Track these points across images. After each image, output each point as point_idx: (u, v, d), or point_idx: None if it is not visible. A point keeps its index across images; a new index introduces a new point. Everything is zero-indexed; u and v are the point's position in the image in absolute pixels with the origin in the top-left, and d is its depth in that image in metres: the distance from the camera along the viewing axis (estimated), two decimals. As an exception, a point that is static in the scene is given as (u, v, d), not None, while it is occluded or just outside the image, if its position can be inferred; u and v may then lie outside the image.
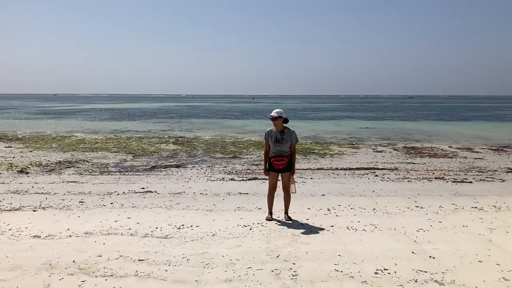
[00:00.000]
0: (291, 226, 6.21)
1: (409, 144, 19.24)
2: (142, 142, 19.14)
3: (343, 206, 7.46)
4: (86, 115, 45.11)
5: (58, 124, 31.05)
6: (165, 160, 13.82)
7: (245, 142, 19.52)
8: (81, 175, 10.83)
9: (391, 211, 7.17)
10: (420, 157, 14.92)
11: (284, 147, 6.31)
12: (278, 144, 6.30)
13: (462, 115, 50.34)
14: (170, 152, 15.71)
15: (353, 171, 11.76)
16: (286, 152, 6.36)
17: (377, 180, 10.30)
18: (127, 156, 14.60)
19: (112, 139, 20.48)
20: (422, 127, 30.12)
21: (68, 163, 12.78)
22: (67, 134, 22.75)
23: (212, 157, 14.44)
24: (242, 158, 14.23)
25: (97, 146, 17.30)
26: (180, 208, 7.29)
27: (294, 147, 6.45)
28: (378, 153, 15.91)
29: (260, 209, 7.17)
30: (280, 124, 6.36)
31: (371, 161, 13.76)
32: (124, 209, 7.16)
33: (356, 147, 17.97)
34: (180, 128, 28.27)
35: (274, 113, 6.33)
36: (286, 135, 6.33)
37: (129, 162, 13.25)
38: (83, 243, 5.35)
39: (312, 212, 7.06)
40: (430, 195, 8.53)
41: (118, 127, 28.59)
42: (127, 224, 6.24)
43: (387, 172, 11.58)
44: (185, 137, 21.49)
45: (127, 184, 9.59)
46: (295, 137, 6.42)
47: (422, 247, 5.27)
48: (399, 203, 7.78)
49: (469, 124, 33.78)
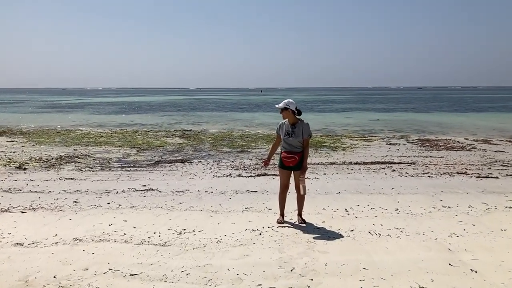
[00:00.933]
0: (305, 230, 5.47)
1: (423, 136, 18.35)
2: (147, 135, 18.48)
3: (361, 206, 6.69)
4: (93, 109, 44.56)
5: (64, 118, 30.52)
6: (170, 154, 13.13)
7: (253, 135, 18.78)
8: (80, 171, 10.17)
9: (416, 211, 6.39)
10: (436, 150, 14.07)
11: (295, 142, 5.55)
12: (289, 137, 5.54)
13: (475, 106, 48.87)
14: (176, 146, 15.01)
15: (368, 165, 10.97)
16: (297, 148, 5.59)
17: (395, 176, 9.51)
18: (131, 150, 13.94)
19: (117, 132, 19.84)
20: (435, 119, 29.10)
21: (69, 158, 12.14)
22: (72, 128, 22.16)
23: (219, 152, 13.72)
24: (250, 152, 13.50)
25: (102, 140, 16.66)
26: (183, 208, 6.57)
27: (307, 142, 5.67)
28: (392, 146, 15.08)
29: (270, 210, 6.44)
30: (291, 116, 5.59)
31: (385, 155, 12.95)
32: (121, 210, 6.45)
33: (369, 139, 17.14)
34: (187, 121, 27.56)
35: (281, 103, 5.59)
36: (297, 128, 5.57)
37: (133, 157, 12.57)
38: (69, 252, 4.65)
39: (328, 213, 6.30)
40: (456, 192, 7.73)
41: (124, 121, 27.97)
42: (122, 229, 5.53)
43: (405, 166, 10.77)
44: (192, 131, 20.79)
45: (127, 181, 8.90)
46: (308, 131, 5.65)
47: (460, 257, 4.50)
48: (423, 201, 6.99)
49: (483, 116, 32.62)
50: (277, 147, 5.76)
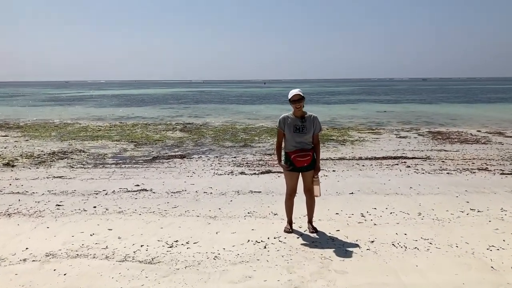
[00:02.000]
0: (317, 241, 4.65)
1: (434, 129, 17.45)
2: (147, 129, 17.67)
3: (379, 210, 5.86)
4: (95, 102, 43.69)
5: (64, 111, 29.71)
6: (169, 149, 12.32)
7: (257, 128, 17.93)
8: (71, 169, 9.38)
9: (442, 216, 5.55)
10: (450, 143, 13.19)
11: (307, 138, 4.71)
12: (298, 134, 4.69)
13: (483, 97, 47.58)
14: (176, 140, 14.20)
15: (380, 161, 10.12)
16: (309, 145, 4.75)
17: (411, 173, 8.66)
18: (128, 145, 13.14)
19: (116, 126, 19.05)
20: (443, 110, 28.10)
21: (62, 154, 11.36)
22: (71, 122, 21.38)
23: (221, 146, 12.90)
24: (254, 147, 12.67)
25: (99, 134, 15.87)
26: (177, 214, 5.75)
27: (318, 138, 4.85)
28: (402, 139, 14.21)
29: (276, 215, 5.62)
30: (302, 108, 4.77)
31: (397, 149, 12.09)
32: (107, 216, 5.65)
33: (377, 132, 16.27)
34: (189, 114, 26.70)
35: (297, 92, 4.72)
36: (308, 122, 4.72)
37: (130, 152, 11.77)
38: (37, 273, 3.85)
39: (342, 218, 5.48)
40: (482, 192, 6.88)
41: (125, 114, 27.16)
42: (105, 240, 4.73)
43: (419, 162, 9.92)
44: (194, 124, 19.97)
45: (120, 180, 8.09)
46: (319, 125, 4.82)
47: (508, 279, 3.67)
48: (448, 204, 6.15)
49: (493, 107, 31.55)
50: (281, 145, 4.92)
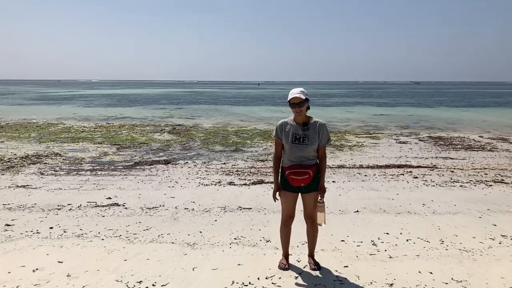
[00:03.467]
0: (321, 284, 3.60)
1: (434, 134, 16.50)
2: (134, 131, 16.54)
3: (393, 236, 4.83)
4: (85, 101, 42.23)
5: (51, 111, 28.39)
6: (153, 154, 11.22)
7: (250, 131, 16.88)
8: (41, 176, 8.27)
9: (470, 246, 4.53)
10: (454, 149, 12.23)
11: (308, 151, 3.65)
12: (298, 145, 3.63)
13: (478, 101, 46.73)
14: (163, 143, 13.10)
15: (383, 170, 9.11)
16: (311, 159, 3.69)
17: (420, 185, 7.65)
18: (110, 148, 12.03)
19: (102, 127, 17.89)
20: (441, 114, 27.18)
21: (35, 158, 10.23)
22: (55, 122, 20.15)
23: (210, 150, 11.82)
24: (246, 152, 11.61)
25: (82, 135, 14.73)
26: (148, 239, 4.67)
27: (324, 151, 3.81)
28: (403, 145, 13.23)
29: (268, 243, 4.56)
30: (305, 112, 3.73)
31: (399, 155, 11.10)
32: (62, 241, 4.56)
33: (375, 137, 15.28)
34: (180, 115, 25.54)
35: (298, 93, 3.65)
36: (312, 130, 3.67)
37: (110, 157, 10.67)
38: None
39: (349, 248, 4.43)
40: (507, 212, 5.86)
41: (114, 114, 25.93)
42: (49, 279, 3.63)
43: (426, 171, 8.92)
44: (184, 125, 18.86)
45: (91, 191, 7.00)
46: (327, 135, 3.74)
47: None
48: (473, 228, 5.13)
49: (490, 111, 30.68)
50: (280, 159, 3.85)
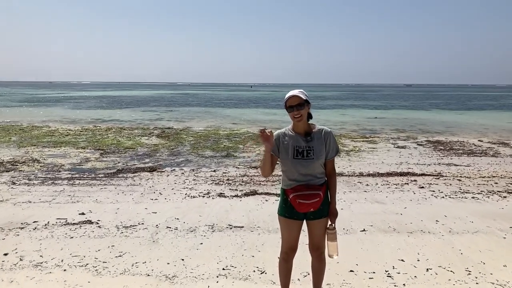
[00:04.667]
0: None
1: (432, 138, 15.84)
2: (121, 134, 15.68)
3: (409, 263, 4.07)
4: (74, 103, 41.08)
5: (38, 113, 27.34)
6: (138, 160, 10.40)
7: (242, 134, 16.11)
8: (11, 186, 7.42)
9: (504, 277, 3.77)
10: (455, 155, 11.55)
11: (315, 167, 2.85)
12: (302, 160, 2.83)
13: (472, 104, 46.16)
14: (150, 148, 12.28)
15: (385, 178, 8.38)
16: (319, 177, 2.90)
17: (427, 196, 6.93)
18: (93, 153, 11.19)
19: (88, 130, 17.01)
20: (436, 117, 26.57)
21: (10, 165, 9.38)
22: (40, 125, 19.21)
23: (200, 156, 11.03)
24: (238, 157, 10.83)
25: (65, 139, 13.85)
26: (119, 270, 3.86)
27: (333, 164, 3.02)
28: (402, 150, 12.54)
29: (263, 274, 3.78)
30: (306, 118, 2.96)
31: (399, 161, 10.40)
32: (13, 274, 3.70)
33: (372, 141, 14.58)
34: (171, 117, 24.68)
35: (295, 93, 2.89)
36: (317, 140, 2.89)
37: (92, 163, 9.83)
38: None
39: (360, 282, 3.66)
40: (531, 230, 5.18)
41: (102, 116, 25.00)
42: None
43: (432, 180, 8.21)
44: (173, 129, 18.03)
45: (64, 205, 6.17)
46: (334, 144, 2.96)
47: None
48: (500, 253, 4.38)
49: (485, 114, 30.08)
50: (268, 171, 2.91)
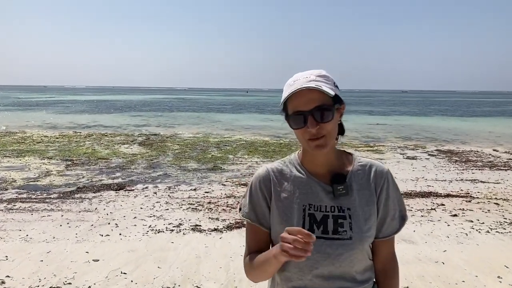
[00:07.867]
0: None
1: (442, 147, 14.17)
2: (100, 141, 13.92)
3: None
4: (62, 107, 39.14)
5: (19, 117, 25.40)
6: (108, 174, 8.64)
7: (233, 142, 14.40)
8: None
9: None
10: (476, 167, 9.91)
11: (353, 258, 1.10)
12: (324, 242, 1.09)
13: (474, 110, 43.90)
14: (126, 159, 10.51)
15: (405, 200, 6.66)
16: (359, 282, 1.14)
17: (467, 230, 5.22)
18: (58, 165, 9.42)
19: (65, 136, 15.22)
20: (440, 124, 24.88)
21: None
22: (16, 130, 17.40)
23: (182, 169, 9.28)
24: (225, 171, 9.11)
25: (34, 148, 12.06)
26: None
27: (393, 248, 1.26)
28: (413, 161, 10.85)
29: None
30: (333, 142, 1.19)
31: (414, 177, 8.73)
32: None
33: (378, 151, 12.90)
34: (159, 123, 22.89)
35: (314, 80, 1.09)
36: (359, 193, 1.15)
37: (50, 178, 8.08)
38: None
39: None
40: None
41: (87, 121, 23.16)
42: None
43: (462, 203, 6.52)
44: (159, 135, 16.26)
45: (-23, 246, 4.42)
46: (399, 203, 1.21)
47: None
48: None
49: (492, 121, 28.20)
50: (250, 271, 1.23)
